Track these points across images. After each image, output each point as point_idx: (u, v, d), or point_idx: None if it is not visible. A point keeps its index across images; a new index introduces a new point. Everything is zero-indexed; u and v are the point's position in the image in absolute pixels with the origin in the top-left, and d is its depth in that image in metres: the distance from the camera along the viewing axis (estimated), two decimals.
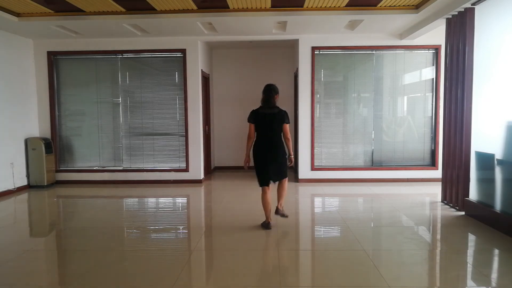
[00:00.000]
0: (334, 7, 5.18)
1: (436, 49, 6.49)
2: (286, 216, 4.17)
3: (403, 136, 6.75)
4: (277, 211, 4.14)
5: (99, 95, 6.85)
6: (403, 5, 5.13)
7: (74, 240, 3.91)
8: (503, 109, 4.04)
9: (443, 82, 5.38)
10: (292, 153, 4.13)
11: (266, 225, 4.08)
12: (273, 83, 4.13)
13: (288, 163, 4.15)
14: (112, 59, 6.79)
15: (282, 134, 4.02)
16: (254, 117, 4.01)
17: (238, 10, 5.25)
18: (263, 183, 4.06)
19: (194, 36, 6.53)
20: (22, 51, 6.46)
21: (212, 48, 8.00)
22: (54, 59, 6.76)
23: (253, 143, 4.07)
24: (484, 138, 4.40)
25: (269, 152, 3.99)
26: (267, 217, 4.09)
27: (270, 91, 4.00)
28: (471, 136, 4.56)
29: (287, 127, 4.00)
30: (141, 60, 6.80)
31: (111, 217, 4.75)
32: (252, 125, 4.02)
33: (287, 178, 4.17)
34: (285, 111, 4.03)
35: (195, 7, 5.18)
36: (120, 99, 6.84)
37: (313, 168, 6.70)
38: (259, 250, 3.50)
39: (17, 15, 5.41)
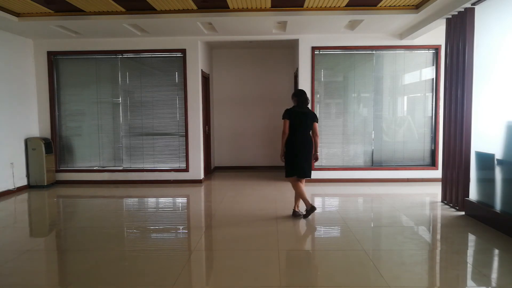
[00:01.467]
0: (334, 7, 5.18)
1: (436, 49, 6.49)
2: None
3: (403, 136, 6.75)
4: (294, 213, 4.55)
5: (99, 95, 6.85)
6: (403, 5, 5.13)
7: (74, 240, 3.92)
8: (503, 109, 4.04)
9: (443, 82, 5.38)
10: (318, 150, 4.51)
11: (312, 209, 4.35)
12: (303, 89, 4.69)
13: (313, 160, 4.53)
14: (112, 59, 6.79)
15: (311, 132, 4.46)
16: (289, 114, 4.39)
17: (238, 10, 5.25)
18: (291, 173, 4.42)
19: (194, 36, 6.53)
20: (22, 51, 6.46)
21: (212, 48, 8.00)
22: (54, 59, 6.76)
23: (287, 139, 4.42)
24: (484, 138, 4.40)
25: (300, 145, 4.37)
26: (308, 202, 4.38)
27: (303, 95, 4.44)
28: (471, 136, 4.56)
29: (317, 125, 4.46)
30: (141, 60, 6.80)
31: (111, 217, 4.75)
32: (287, 122, 4.38)
33: (304, 180, 4.52)
34: (314, 113, 4.54)
35: (195, 7, 5.19)
36: (120, 99, 6.84)
37: (313, 168, 6.67)
38: (259, 250, 3.49)
39: (17, 15, 5.41)
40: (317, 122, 4.45)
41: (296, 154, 4.36)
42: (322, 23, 5.72)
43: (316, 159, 4.54)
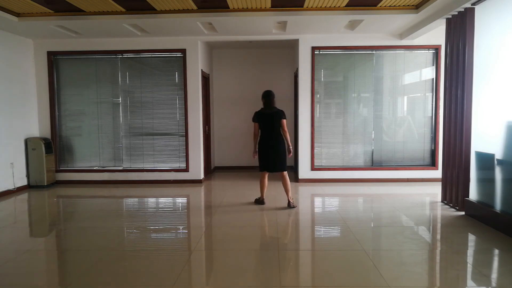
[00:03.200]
0: (334, 7, 5.18)
1: (436, 49, 6.49)
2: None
3: (403, 136, 6.74)
4: (289, 205, 4.88)
5: (99, 95, 6.85)
6: (403, 5, 5.13)
7: (74, 240, 3.91)
8: (503, 109, 4.04)
9: (443, 82, 5.38)
10: (290, 144, 4.92)
11: (260, 202, 5.07)
12: (270, 90, 5.01)
13: (288, 154, 4.91)
14: (112, 59, 6.79)
15: (281, 129, 4.81)
16: (258, 117, 4.84)
17: (238, 10, 5.25)
18: (263, 169, 4.91)
19: (194, 36, 6.53)
20: (22, 51, 6.46)
21: (212, 48, 8.00)
22: (54, 59, 6.76)
23: (259, 139, 4.86)
24: (484, 138, 4.40)
25: (271, 144, 4.80)
26: (262, 195, 5.06)
27: (269, 96, 4.90)
28: (471, 136, 4.56)
29: (284, 122, 4.81)
30: (141, 60, 6.80)
31: (111, 217, 4.75)
32: (257, 124, 4.85)
33: (286, 172, 4.91)
34: (282, 110, 4.87)
35: (195, 7, 5.19)
36: (120, 99, 6.84)
37: (313, 168, 6.70)
38: (259, 250, 3.50)
39: (17, 15, 5.41)
40: (285, 119, 4.79)
41: (269, 152, 4.80)
42: (322, 23, 5.72)
43: (290, 152, 4.91)
